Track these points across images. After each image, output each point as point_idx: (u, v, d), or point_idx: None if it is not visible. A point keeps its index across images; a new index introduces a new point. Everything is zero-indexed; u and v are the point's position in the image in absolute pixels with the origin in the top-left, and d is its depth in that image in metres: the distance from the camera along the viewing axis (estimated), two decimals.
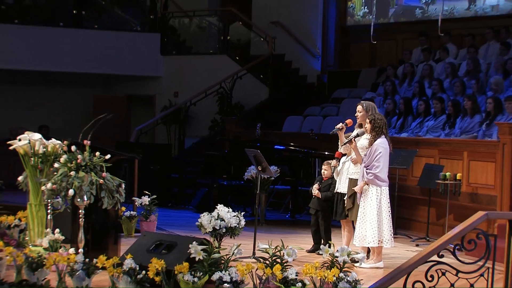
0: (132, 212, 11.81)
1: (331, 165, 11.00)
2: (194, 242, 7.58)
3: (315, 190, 11.06)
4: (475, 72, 15.98)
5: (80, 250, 8.16)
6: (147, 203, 11.82)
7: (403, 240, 12.08)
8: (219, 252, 7.60)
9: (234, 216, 8.47)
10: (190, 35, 24.26)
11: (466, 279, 6.50)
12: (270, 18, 22.79)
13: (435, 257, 6.35)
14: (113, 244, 9.13)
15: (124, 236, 11.17)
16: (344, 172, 10.61)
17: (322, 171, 11.41)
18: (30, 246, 8.58)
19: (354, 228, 10.48)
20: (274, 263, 7.56)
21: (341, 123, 10.80)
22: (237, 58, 22.15)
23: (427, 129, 14.06)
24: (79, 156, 8.39)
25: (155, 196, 11.91)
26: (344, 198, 10.41)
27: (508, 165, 11.25)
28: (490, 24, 18.39)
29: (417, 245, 11.72)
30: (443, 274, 6.39)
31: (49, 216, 9.29)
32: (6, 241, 8.89)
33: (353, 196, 10.03)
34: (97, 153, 8.43)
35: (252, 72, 21.22)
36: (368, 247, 9.65)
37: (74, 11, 22.24)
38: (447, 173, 11.88)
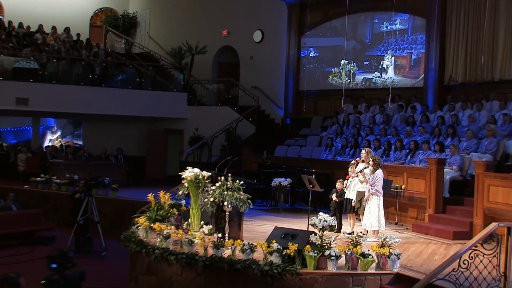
0: None
1: (343, 183, 13.13)
2: (313, 234, 9.47)
3: (334, 196, 13.23)
4: (387, 122, 18.89)
5: (226, 234, 10.42)
6: None
7: None
8: (324, 240, 9.40)
9: (331, 219, 10.10)
10: (203, 94, 27.51)
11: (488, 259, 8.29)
12: (251, 84, 26.24)
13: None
14: (238, 230, 11.07)
15: None
16: (351, 187, 12.86)
17: (337, 185, 13.36)
18: (191, 231, 10.83)
19: (357, 219, 12.84)
20: (357, 244, 9.39)
21: (354, 160, 13.15)
22: (235, 108, 25.35)
23: None
24: (228, 183, 10.67)
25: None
26: (352, 201, 12.73)
27: (433, 181, 13.61)
28: (388, 92, 20.04)
29: (396, 223, 13.94)
30: (477, 256, 8.17)
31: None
32: (180, 228, 10.82)
33: (360, 200, 12.40)
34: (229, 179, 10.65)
35: (244, 116, 24.51)
36: (366, 230, 12.03)
37: (137, 79, 25.20)
38: (396, 185, 14.21)
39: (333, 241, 9.44)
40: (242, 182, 10.98)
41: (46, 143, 28.13)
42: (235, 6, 27.22)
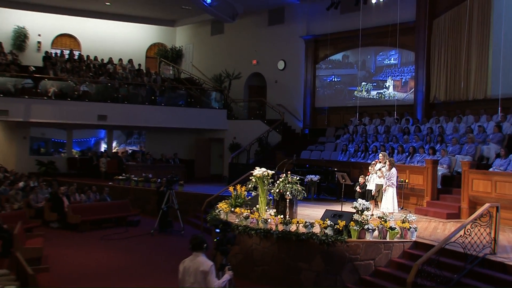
0: None
1: (365, 178, 14.42)
2: (355, 214, 10.67)
3: (358, 188, 14.46)
4: (388, 132, 19.66)
5: (285, 216, 11.56)
6: None
7: None
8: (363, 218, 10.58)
9: (368, 203, 11.21)
10: (239, 110, 28.04)
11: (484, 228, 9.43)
12: (276, 102, 26.58)
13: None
14: (293, 213, 12.22)
15: None
16: (371, 181, 14.07)
17: (360, 179, 14.61)
18: (259, 214, 11.87)
19: (376, 205, 13.94)
20: (386, 221, 10.57)
21: (374, 161, 14.20)
22: (264, 121, 25.81)
23: None
24: (289, 178, 11.92)
25: None
26: (372, 191, 13.92)
27: (430, 176, 14.64)
28: (386, 108, 21.73)
29: (401, 208, 14.54)
30: (475, 226, 9.35)
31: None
32: (251, 212, 11.96)
33: (379, 191, 13.55)
34: (289, 175, 11.93)
35: (273, 128, 25.00)
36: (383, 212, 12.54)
37: (188, 99, 25.88)
38: (402, 179, 15.07)
39: (369, 218, 10.83)
40: (298, 178, 12.35)
41: (102, 149, 28.09)
42: (263, 41, 27.47)
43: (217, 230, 7.03)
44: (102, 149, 27.64)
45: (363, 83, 23.44)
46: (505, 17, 17.79)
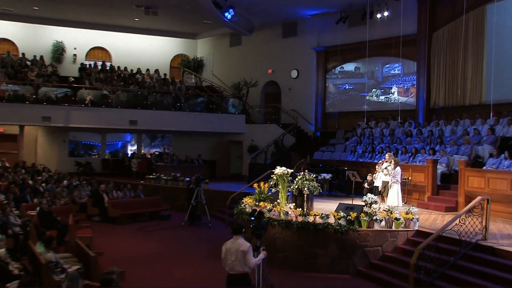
0: None
1: (372, 175, 15.13)
2: (365, 206, 11.46)
3: (366, 185, 15.10)
4: (392, 134, 20.04)
5: (303, 209, 12.06)
6: None
7: None
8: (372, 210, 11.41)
9: (376, 197, 11.94)
10: (256, 115, 28.43)
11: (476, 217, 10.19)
12: (290, 107, 27.19)
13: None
14: (310, 206, 12.89)
15: None
16: (378, 178, 14.79)
17: (368, 177, 15.25)
18: (280, 208, 12.45)
19: (382, 200, 14.48)
20: (392, 212, 11.36)
21: (381, 161, 14.95)
22: (280, 125, 26.28)
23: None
24: (306, 175, 12.63)
25: None
26: (378, 188, 14.61)
27: (430, 174, 15.20)
28: (390, 113, 22.26)
29: (405, 203, 14.90)
30: (469, 216, 10.12)
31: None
32: (274, 205, 12.55)
33: (385, 187, 14.40)
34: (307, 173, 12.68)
35: (288, 132, 25.39)
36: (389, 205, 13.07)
37: (210, 106, 26.40)
38: (405, 177, 15.48)
39: (378, 210, 11.67)
40: (314, 175, 13.16)
41: (128, 152, 28.85)
42: (278, 52, 28.02)
43: (252, 218, 7.95)
44: (128, 151, 28.42)
45: (373, 90, 24.04)
46: (497, 31, 18.33)
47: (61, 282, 7.90)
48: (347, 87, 25.21)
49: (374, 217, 11.24)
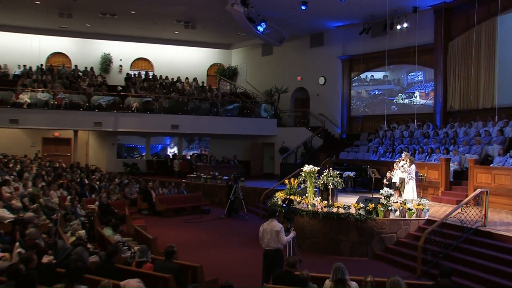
0: None
1: (391, 173, 15.96)
2: (382, 198, 12.61)
3: (385, 181, 16.03)
4: (411, 136, 20.71)
5: (328, 202, 13.16)
6: None
7: None
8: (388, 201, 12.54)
9: (391, 191, 13.14)
10: (287, 119, 29.30)
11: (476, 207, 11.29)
12: (318, 112, 28.16)
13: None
14: (334, 199, 13.98)
15: None
16: (396, 175, 15.59)
17: (387, 174, 16.16)
18: (308, 200, 13.45)
19: (399, 195, 15.11)
20: (406, 203, 12.51)
21: (398, 159, 15.73)
22: (309, 128, 27.22)
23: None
24: (331, 173, 13.79)
25: None
26: (396, 183, 15.32)
27: (444, 171, 16.03)
28: (410, 116, 22.85)
29: (421, 197, 15.01)
30: (470, 206, 11.25)
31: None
32: (303, 198, 13.69)
33: (402, 183, 15.07)
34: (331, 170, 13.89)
35: (316, 134, 26.31)
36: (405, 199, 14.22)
37: (244, 111, 27.49)
38: (421, 174, 16.23)
39: (393, 202, 12.85)
40: (338, 172, 14.42)
41: (168, 153, 29.88)
42: (306, 60, 28.91)
43: (284, 205, 9.42)
44: (169, 153, 29.76)
45: (399, 94, 24.80)
46: (508, 40, 19.10)
47: (128, 258, 9.46)
48: (376, 92, 25.93)
49: (390, 208, 12.43)
